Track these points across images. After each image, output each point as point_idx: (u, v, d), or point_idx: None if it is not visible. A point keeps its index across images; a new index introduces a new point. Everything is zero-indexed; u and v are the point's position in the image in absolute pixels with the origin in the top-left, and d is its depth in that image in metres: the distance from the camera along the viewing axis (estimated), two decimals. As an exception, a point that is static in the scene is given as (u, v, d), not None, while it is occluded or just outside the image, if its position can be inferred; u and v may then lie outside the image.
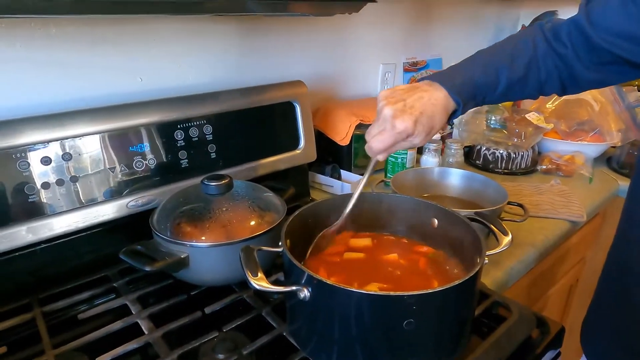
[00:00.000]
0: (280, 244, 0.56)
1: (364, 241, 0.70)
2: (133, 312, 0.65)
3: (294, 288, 0.50)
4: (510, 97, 0.65)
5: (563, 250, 1.09)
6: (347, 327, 0.49)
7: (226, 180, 0.70)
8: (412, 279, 0.62)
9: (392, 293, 0.46)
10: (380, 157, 0.60)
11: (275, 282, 0.50)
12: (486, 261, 0.53)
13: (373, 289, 0.58)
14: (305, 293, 0.50)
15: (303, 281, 0.50)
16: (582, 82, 0.64)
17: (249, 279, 0.49)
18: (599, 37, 0.58)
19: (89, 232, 0.72)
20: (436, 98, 0.58)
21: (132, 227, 0.73)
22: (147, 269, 0.60)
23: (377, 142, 0.58)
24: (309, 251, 0.65)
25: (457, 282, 0.47)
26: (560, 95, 0.69)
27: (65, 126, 0.67)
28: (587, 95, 1.32)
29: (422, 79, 0.62)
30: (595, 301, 0.76)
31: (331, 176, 1.10)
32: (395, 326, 0.47)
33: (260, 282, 0.49)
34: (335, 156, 1.14)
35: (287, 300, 0.58)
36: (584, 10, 0.60)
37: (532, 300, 1.04)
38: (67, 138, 0.67)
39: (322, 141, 1.10)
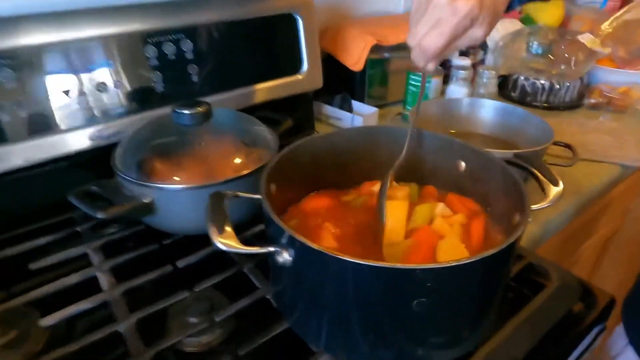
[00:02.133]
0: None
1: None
2: (94, 264, 0.55)
3: (270, 249, 0.39)
4: None
5: (607, 200, 0.94)
6: (338, 303, 0.38)
7: (202, 108, 0.56)
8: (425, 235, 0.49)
9: (400, 266, 0.34)
10: (431, 66, 0.46)
11: (247, 241, 0.38)
12: (530, 220, 0.40)
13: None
14: (284, 257, 0.38)
15: (284, 242, 0.38)
16: None
17: (212, 235, 0.38)
18: None
19: (46, 168, 0.61)
20: None
21: (98, 163, 0.61)
22: (99, 216, 0.49)
23: (431, 39, 0.43)
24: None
25: (490, 253, 0.34)
26: None
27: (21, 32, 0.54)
28: (654, 14, 1.10)
29: None
30: None
31: (341, 107, 0.95)
32: (401, 307, 0.35)
33: (226, 240, 0.38)
34: (346, 84, 0.98)
35: (270, 261, 0.47)
36: None
37: (564, 255, 0.92)
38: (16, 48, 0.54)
39: (332, 66, 0.94)
